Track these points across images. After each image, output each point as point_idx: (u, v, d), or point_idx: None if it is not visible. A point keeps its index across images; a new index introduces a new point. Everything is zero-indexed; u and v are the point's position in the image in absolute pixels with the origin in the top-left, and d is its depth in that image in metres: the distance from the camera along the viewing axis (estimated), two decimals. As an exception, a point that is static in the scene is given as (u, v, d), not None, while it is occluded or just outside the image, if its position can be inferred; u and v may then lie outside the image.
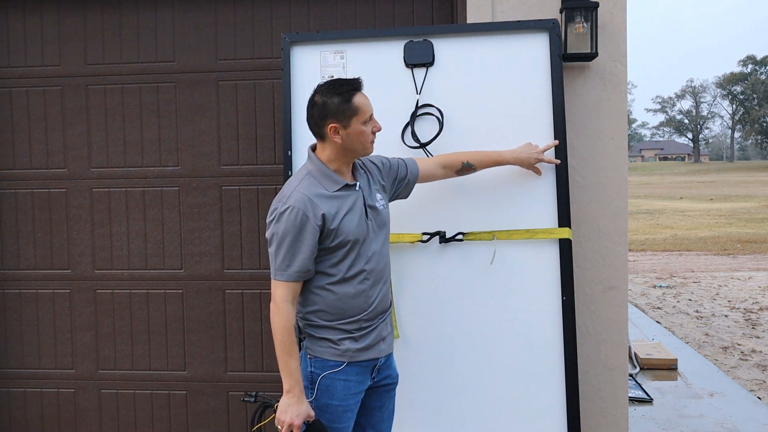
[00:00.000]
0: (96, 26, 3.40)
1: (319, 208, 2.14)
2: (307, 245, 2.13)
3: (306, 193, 2.15)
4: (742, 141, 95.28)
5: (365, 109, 2.21)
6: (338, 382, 2.21)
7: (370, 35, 2.87)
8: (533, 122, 2.76)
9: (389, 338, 2.36)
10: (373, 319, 2.26)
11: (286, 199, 2.16)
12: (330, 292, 2.20)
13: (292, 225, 2.11)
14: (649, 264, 12.01)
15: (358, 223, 2.20)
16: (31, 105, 3.44)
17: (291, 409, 2.10)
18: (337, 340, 2.21)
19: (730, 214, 20.73)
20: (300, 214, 2.11)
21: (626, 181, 3.01)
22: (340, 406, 2.21)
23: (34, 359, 3.52)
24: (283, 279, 2.14)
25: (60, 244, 3.47)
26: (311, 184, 2.19)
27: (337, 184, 2.21)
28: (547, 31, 2.76)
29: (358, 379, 2.25)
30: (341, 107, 2.17)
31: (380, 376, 2.34)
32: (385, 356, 2.34)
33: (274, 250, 2.15)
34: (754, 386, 5.24)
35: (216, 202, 3.38)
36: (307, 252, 2.13)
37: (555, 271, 2.74)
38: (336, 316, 2.21)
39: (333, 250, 2.18)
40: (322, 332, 2.22)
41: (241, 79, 3.34)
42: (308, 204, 2.13)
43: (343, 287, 2.20)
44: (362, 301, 2.23)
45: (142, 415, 3.47)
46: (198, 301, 3.42)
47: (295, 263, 2.13)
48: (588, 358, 3.01)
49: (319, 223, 2.13)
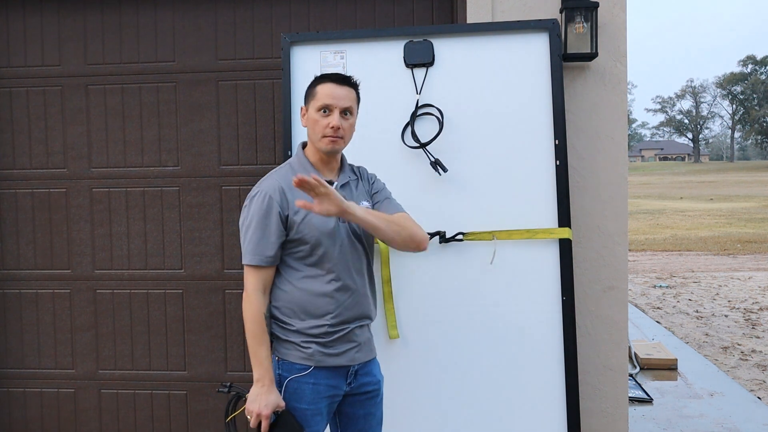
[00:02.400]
0: (96, 26, 3.40)
1: (287, 196, 2.13)
2: (272, 230, 2.11)
3: (278, 179, 2.16)
4: (742, 141, 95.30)
5: (321, 97, 2.14)
6: (306, 385, 2.15)
7: (370, 35, 2.87)
8: (533, 122, 2.77)
9: (366, 347, 2.26)
10: (339, 325, 2.17)
11: (260, 184, 2.18)
12: (294, 287, 2.16)
13: (259, 208, 2.12)
14: (649, 264, 12.01)
15: (326, 221, 2.13)
16: (31, 105, 3.45)
17: (260, 399, 2.07)
18: (302, 343, 2.15)
19: (730, 214, 20.73)
20: (267, 198, 2.11)
21: (626, 181, 3.01)
22: (308, 409, 2.15)
23: (34, 359, 3.52)
24: (248, 262, 2.12)
25: (60, 244, 3.47)
26: (286, 173, 2.20)
27: None
28: (547, 31, 2.76)
29: (329, 383, 2.17)
30: (308, 90, 2.21)
31: (357, 382, 2.24)
32: (361, 364, 2.24)
33: (242, 235, 2.15)
34: (754, 386, 5.24)
35: (216, 202, 3.38)
36: (272, 236, 2.11)
37: (555, 271, 2.74)
38: (301, 315, 2.15)
39: (299, 244, 2.14)
40: (287, 335, 2.16)
41: (241, 79, 3.34)
42: (276, 189, 2.13)
43: (308, 284, 2.15)
44: (326, 303, 2.15)
45: (142, 415, 3.47)
46: (198, 301, 3.42)
47: (260, 247, 2.11)
48: (588, 358, 3.01)
49: (285, 212, 2.12)
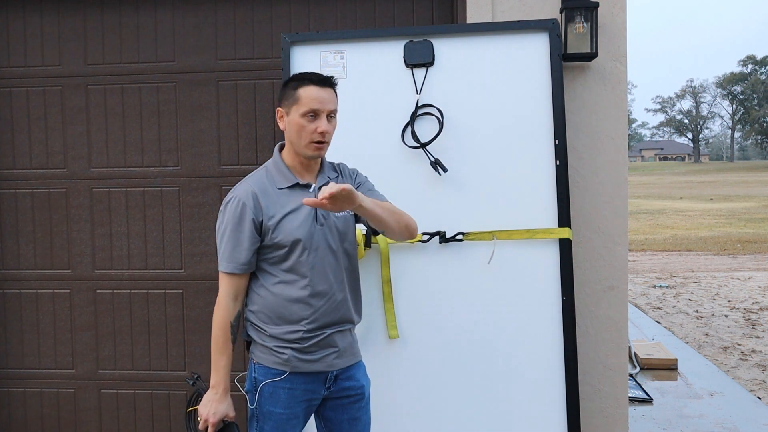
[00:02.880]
0: (96, 26, 3.40)
1: (260, 202, 2.09)
2: (245, 236, 2.08)
3: (252, 185, 2.13)
4: (742, 141, 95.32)
5: (305, 101, 2.06)
6: (282, 390, 2.12)
7: (370, 35, 2.87)
8: (533, 122, 2.77)
9: (347, 352, 2.22)
10: (314, 331, 2.13)
11: (234, 190, 2.15)
12: (269, 292, 2.13)
13: (232, 215, 2.09)
14: (649, 264, 12.01)
15: (301, 225, 2.09)
16: (31, 105, 3.45)
17: (211, 405, 2.09)
18: (277, 348, 2.12)
19: (730, 214, 20.73)
20: (240, 204, 2.08)
21: (626, 181, 3.01)
22: (284, 413, 2.12)
23: (34, 359, 3.52)
24: (222, 269, 2.11)
25: (60, 244, 3.47)
26: (261, 177, 2.16)
27: (287, 182, 2.14)
28: (547, 31, 2.76)
29: (306, 387, 2.15)
30: (286, 92, 2.12)
31: (338, 386, 2.21)
32: (341, 369, 2.21)
33: (218, 241, 2.14)
34: (754, 386, 5.24)
35: (216, 203, 3.38)
36: (246, 243, 2.08)
37: (555, 271, 2.74)
38: (276, 320, 2.12)
39: (273, 249, 2.11)
40: (263, 339, 2.15)
41: (241, 79, 3.34)
42: (249, 195, 2.09)
43: (283, 290, 2.12)
44: (301, 309, 2.11)
45: (142, 415, 3.47)
46: (198, 301, 3.42)
47: (235, 254, 2.09)
48: (588, 358, 3.01)
49: (258, 217, 2.09)
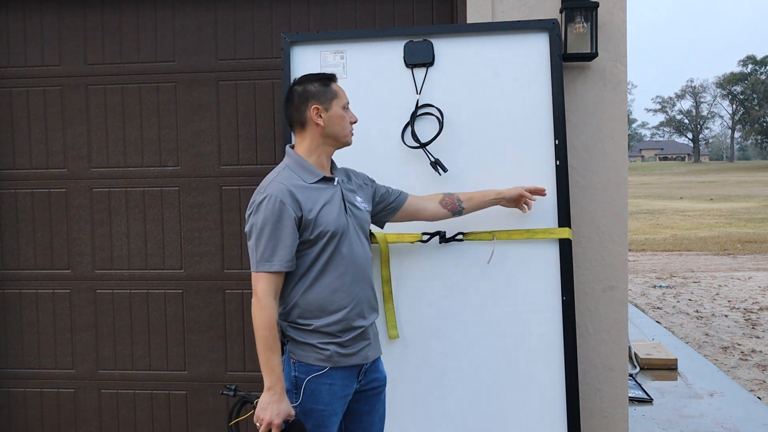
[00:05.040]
0: (96, 26, 3.40)
1: (297, 198, 2.12)
2: (287, 233, 2.10)
3: (284, 183, 2.15)
4: (742, 141, 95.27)
5: (343, 95, 2.27)
6: (323, 386, 2.16)
7: (370, 35, 2.87)
8: (533, 122, 2.76)
9: (375, 343, 2.32)
10: (357, 318, 2.20)
11: (264, 189, 2.16)
12: (309, 287, 2.16)
13: (271, 213, 2.10)
14: (649, 264, 12.01)
15: (337, 216, 2.18)
16: (31, 105, 3.44)
17: (271, 407, 2.05)
18: (321, 344, 2.16)
19: (730, 214, 20.73)
20: (278, 202, 2.10)
21: (626, 181, 3.01)
22: (325, 410, 2.16)
23: (34, 359, 3.52)
24: (265, 270, 2.09)
25: (60, 244, 3.47)
26: (289, 176, 2.19)
27: (315, 176, 2.20)
28: (547, 31, 2.76)
29: (343, 383, 2.20)
30: (322, 90, 2.23)
31: (366, 379, 2.29)
32: (370, 362, 2.29)
33: (254, 242, 2.12)
34: (754, 386, 5.24)
35: (216, 202, 3.38)
36: (288, 240, 2.10)
37: (555, 271, 2.74)
38: (317, 314, 2.16)
39: (313, 243, 2.14)
40: (305, 336, 2.17)
41: (241, 79, 3.34)
42: (285, 192, 2.11)
43: (323, 281, 2.16)
44: (342, 297, 2.17)
45: (142, 415, 3.47)
46: (198, 301, 3.42)
47: (278, 252, 2.09)
48: (588, 358, 3.01)
49: (298, 213, 2.11)
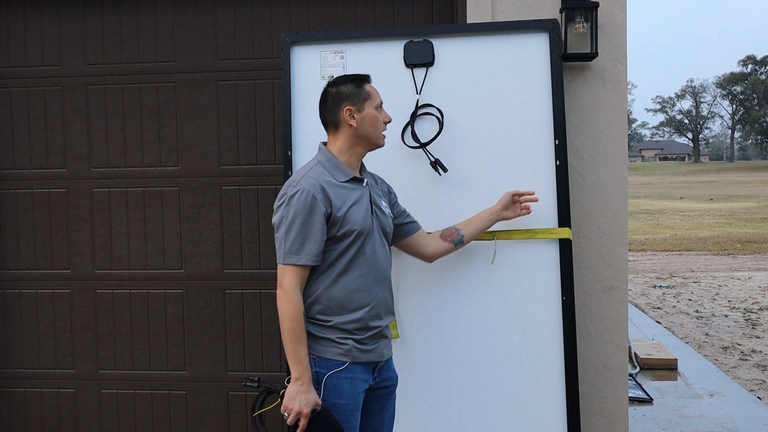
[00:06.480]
0: (96, 26, 3.40)
1: (328, 194, 2.16)
2: (317, 228, 2.14)
3: (317, 178, 2.19)
4: (742, 141, 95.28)
5: (376, 96, 2.31)
6: (345, 380, 2.19)
7: (370, 35, 2.87)
8: (533, 122, 2.76)
9: (390, 342, 2.38)
10: (374, 319, 2.25)
11: (296, 183, 2.18)
12: (331, 284, 2.19)
13: (303, 207, 2.13)
14: (649, 264, 12.01)
15: (364, 216, 2.22)
16: (31, 105, 3.44)
17: (300, 397, 2.08)
18: (339, 339, 2.19)
19: (730, 214, 20.73)
20: (309, 197, 2.13)
21: (626, 181, 3.01)
22: (348, 404, 2.19)
23: (34, 359, 3.52)
24: (293, 262, 2.13)
25: (60, 244, 3.46)
26: (321, 172, 2.23)
27: (346, 176, 2.25)
28: (547, 31, 2.76)
29: (363, 377, 2.24)
30: (355, 91, 2.28)
31: (381, 377, 2.34)
32: (385, 360, 2.34)
33: (283, 234, 2.15)
34: (754, 386, 5.24)
35: (216, 202, 3.38)
36: (317, 235, 2.14)
37: (555, 271, 2.74)
38: (337, 311, 2.19)
39: (338, 240, 2.18)
40: (324, 332, 2.20)
41: (241, 79, 3.34)
42: (318, 188, 2.15)
43: (345, 279, 2.20)
44: (363, 297, 2.22)
45: (142, 415, 3.47)
46: (198, 301, 3.42)
47: (307, 246, 2.13)
48: (588, 358, 3.01)
49: (328, 209, 2.15)
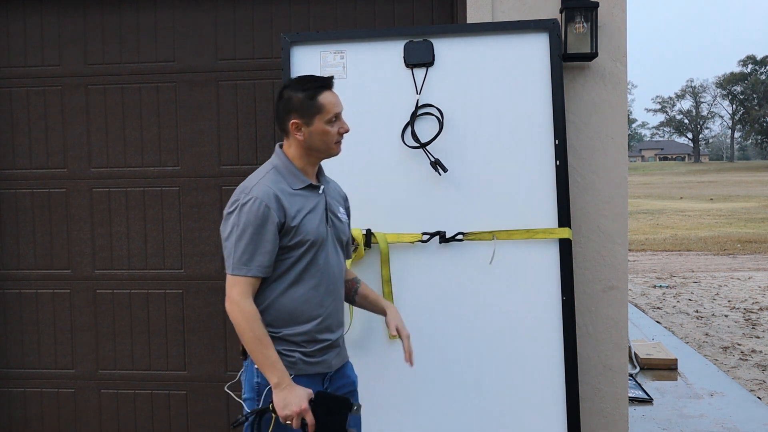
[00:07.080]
0: (96, 26, 3.40)
1: (282, 203, 2.07)
2: (268, 239, 2.05)
3: (270, 186, 2.09)
4: (742, 141, 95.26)
5: (330, 108, 2.12)
6: None
7: (370, 35, 2.87)
8: (533, 122, 2.77)
9: (342, 351, 2.27)
10: (324, 332, 2.15)
11: (248, 190, 2.09)
12: (281, 295, 2.11)
13: (255, 217, 2.04)
14: (649, 264, 12.01)
15: (318, 225, 2.13)
16: (31, 105, 3.44)
17: (291, 399, 2.00)
18: (285, 351, 2.10)
19: (730, 214, 20.74)
20: (263, 206, 2.04)
21: (626, 181, 3.01)
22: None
23: (34, 359, 3.52)
24: (242, 273, 2.04)
25: (60, 244, 3.46)
26: (276, 179, 2.12)
27: (301, 183, 2.15)
28: (547, 31, 2.76)
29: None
30: (305, 104, 2.11)
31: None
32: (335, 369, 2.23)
33: (233, 243, 2.06)
34: (754, 386, 5.24)
35: (216, 202, 3.38)
36: (268, 245, 2.05)
37: (555, 271, 2.74)
38: (285, 322, 2.11)
39: (291, 249, 2.09)
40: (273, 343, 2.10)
41: (241, 79, 3.34)
42: (271, 197, 2.05)
43: (296, 290, 2.11)
44: (314, 309, 2.13)
45: (142, 415, 3.47)
46: (198, 301, 3.42)
47: (257, 257, 2.04)
48: (588, 358, 3.01)
49: (281, 219, 2.07)
